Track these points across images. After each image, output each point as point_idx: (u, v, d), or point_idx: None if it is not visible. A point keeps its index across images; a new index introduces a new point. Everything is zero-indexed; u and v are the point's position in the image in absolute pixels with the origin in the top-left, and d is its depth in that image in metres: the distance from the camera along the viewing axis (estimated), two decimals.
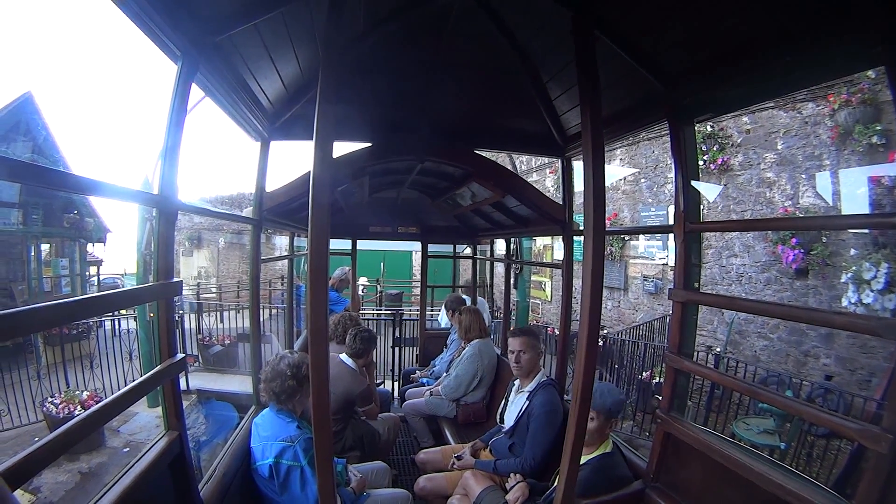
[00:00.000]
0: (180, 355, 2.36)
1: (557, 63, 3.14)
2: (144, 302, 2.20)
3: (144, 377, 2.16)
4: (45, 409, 8.13)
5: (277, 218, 4.24)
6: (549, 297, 17.41)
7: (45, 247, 14.89)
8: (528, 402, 3.75)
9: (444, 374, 5.67)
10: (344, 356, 4.41)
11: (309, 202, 1.92)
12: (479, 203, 4.97)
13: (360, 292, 7.68)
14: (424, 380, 6.31)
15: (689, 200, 2.75)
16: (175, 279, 2.32)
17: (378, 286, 18.89)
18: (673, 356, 2.85)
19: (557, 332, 5.85)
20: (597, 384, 2.53)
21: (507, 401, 4.17)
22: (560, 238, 4.26)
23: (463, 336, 5.52)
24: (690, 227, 2.75)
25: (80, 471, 7.45)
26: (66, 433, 1.56)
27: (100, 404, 1.82)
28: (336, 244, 7.22)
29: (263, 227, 3.84)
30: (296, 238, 6.38)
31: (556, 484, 2.57)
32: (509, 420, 3.95)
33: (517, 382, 4.06)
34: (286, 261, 6.16)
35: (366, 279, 18.14)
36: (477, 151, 3.94)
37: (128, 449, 8.11)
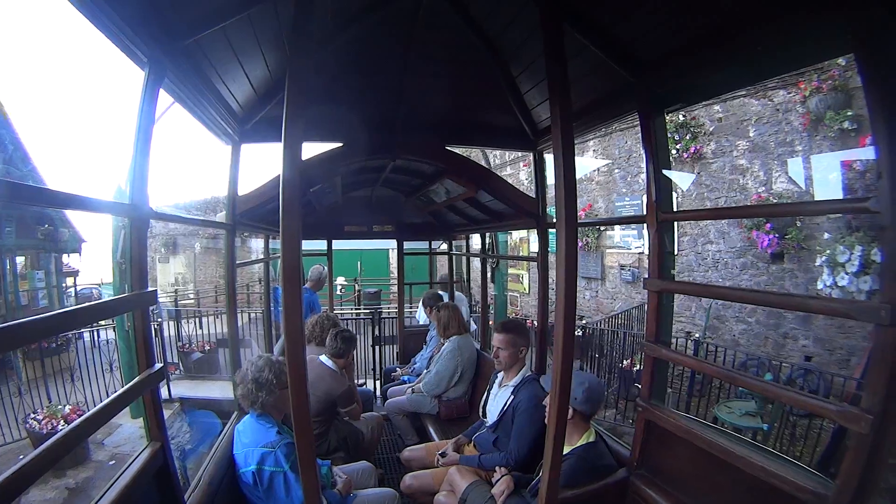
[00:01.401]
0: (159, 365, 2.33)
1: (528, 56, 3.15)
2: (120, 313, 2.16)
3: (124, 389, 2.13)
4: (28, 425, 8.00)
5: (251, 221, 4.22)
6: (528, 290, 17.48)
7: (19, 260, 14.67)
8: (512, 397, 3.76)
9: (425, 371, 5.68)
10: (324, 357, 4.39)
11: (279, 205, 1.91)
12: (452, 199, 4.99)
13: (337, 291, 7.65)
14: (406, 377, 6.31)
15: (661, 190, 2.77)
16: (150, 288, 2.29)
17: (356, 285, 18.81)
18: (651, 345, 2.87)
19: (536, 325, 5.93)
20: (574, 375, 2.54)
21: (489, 394, 4.19)
22: (535, 231, 4.28)
23: (441, 333, 5.53)
24: (663, 216, 2.76)
25: (67, 486, 7.33)
26: (49, 449, 1.54)
27: (81, 418, 1.80)
28: (311, 244, 7.22)
29: (238, 231, 3.83)
30: (271, 240, 6.32)
31: (540, 475, 2.58)
32: (492, 414, 3.96)
33: (500, 376, 4.07)
34: (263, 264, 6.13)
35: (343, 278, 18.06)
36: (449, 148, 3.96)
37: (113, 461, 7.98)
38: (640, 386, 3.07)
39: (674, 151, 10.92)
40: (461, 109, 4.19)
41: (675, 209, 2.89)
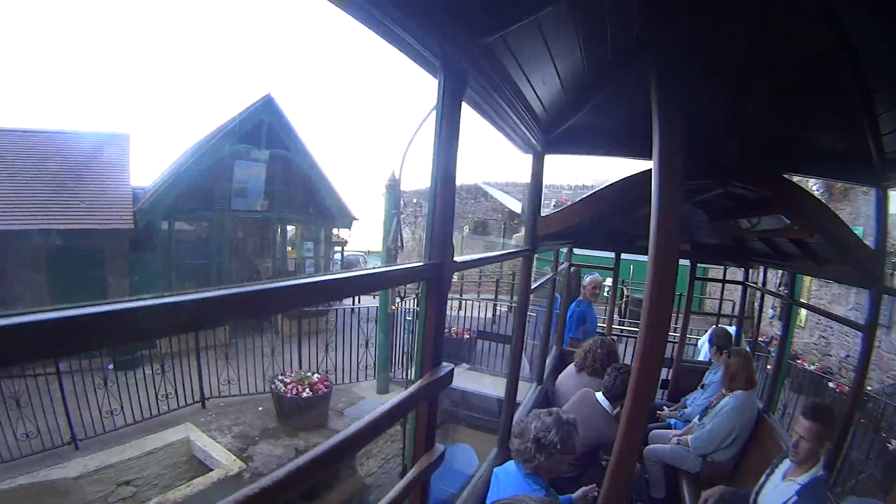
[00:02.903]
0: (447, 366, 1.96)
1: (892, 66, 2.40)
2: (408, 282, 1.74)
3: (402, 397, 1.81)
4: (273, 385, 8.52)
5: (548, 242, 3.89)
6: (803, 323, 15.46)
7: (290, 229, 16.28)
8: (796, 497, 3.04)
9: (696, 422, 4.92)
10: (600, 396, 3.94)
11: (653, 223, 1.68)
12: (775, 233, 4.23)
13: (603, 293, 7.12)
14: (673, 421, 5.52)
15: None
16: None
17: (624, 289, 17.69)
18: None
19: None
20: None
21: (767, 479, 3.44)
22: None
23: (727, 383, 4.76)
24: None
25: (297, 447, 7.77)
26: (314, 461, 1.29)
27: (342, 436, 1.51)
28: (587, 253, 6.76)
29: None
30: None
31: None
32: None
33: (786, 465, 3.34)
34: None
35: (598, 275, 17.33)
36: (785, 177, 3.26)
37: None
38: None
39: None
40: (799, 130, 3.42)
41: None
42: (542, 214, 3.34)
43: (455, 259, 1.93)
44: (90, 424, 7.71)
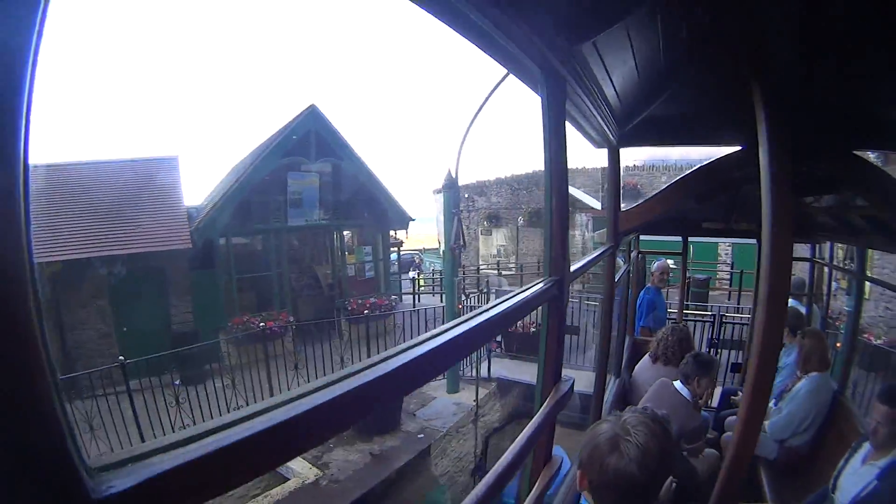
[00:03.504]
0: (568, 379, 1.93)
1: None
2: (537, 306, 1.60)
3: (536, 423, 1.71)
4: None
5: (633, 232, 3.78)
6: (868, 295, 14.79)
7: (346, 234, 16.42)
8: (876, 482, 2.95)
9: (772, 405, 4.74)
10: (679, 384, 3.82)
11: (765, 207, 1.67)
12: (841, 211, 4.03)
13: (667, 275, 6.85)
14: None
15: None
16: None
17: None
18: None
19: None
20: None
21: (846, 464, 3.34)
22: None
23: (801, 365, 4.58)
24: None
25: (372, 452, 7.78)
26: None
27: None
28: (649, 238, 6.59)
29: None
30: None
31: None
32: (846, 493, 3.18)
33: (866, 448, 3.20)
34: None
35: (671, 261, 17.01)
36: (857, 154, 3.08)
37: (422, 435, 8.29)
38: None
39: None
40: (870, 103, 3.22)
41: None
42: (623, 209, 3.24)
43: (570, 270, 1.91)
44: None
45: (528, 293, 1.61)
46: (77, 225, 12.18)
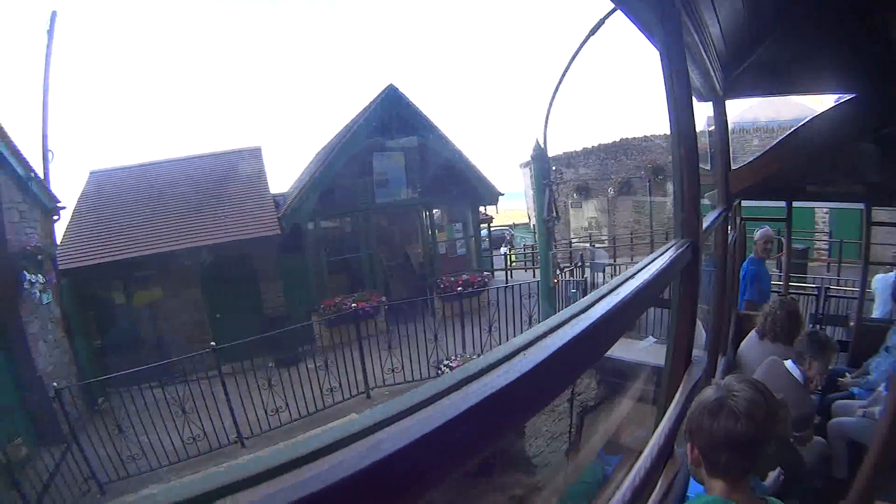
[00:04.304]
0: (699, 357, 1.82)
1: None
2: (671, 278, 1.39)
3: (671, 419, 1.59)
4: (440, 371, 8.56)
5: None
6: None
7: (436, 212, 16.26)
8: None
9: (882, 390, 4.18)
10: (790, 363, 3.46)
11: None
12: None
13: (771, 244, 6.25)
14: (856, 390, 4.73)
15: None
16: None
17: (781, 239, 16.20)
18: None
19: None
20: None
21: None
22: None
23: None
24: None
25: None
26: None
27: None
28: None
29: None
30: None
31: None
32: None
33: None
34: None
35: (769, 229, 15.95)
36: None
37: None
38: None
39: None
40: None
41: None
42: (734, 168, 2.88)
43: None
44: (255, 422, 8.07)
45: (659, 262, 1.38)
46: (168, 219, 12.91)
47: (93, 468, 7.04)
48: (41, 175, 9.67)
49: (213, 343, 8.04)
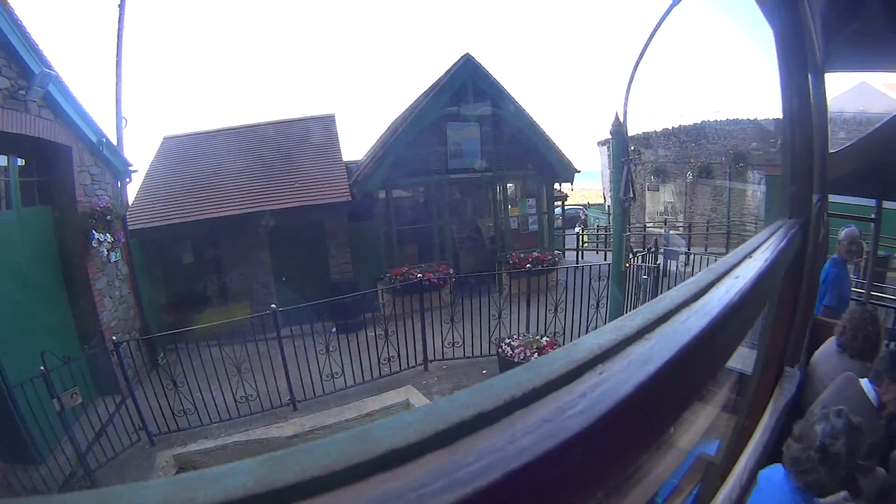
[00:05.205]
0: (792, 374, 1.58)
1: None
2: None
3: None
4: (500, 349, 8.43)
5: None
6: None
7: (510, 186, 15.95)
8: None
9: None
10: (867, 383, 3.06)
11: None
12: None
13: (856, 246, 5.62)
14: None
15: None
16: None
17: (863, 245, 15.00)
18: None
19: None
20: None
21: None
22: None
23: None
24: None
25: None
26: None
27: None
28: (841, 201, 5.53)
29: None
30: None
31: None
32: None
33: None
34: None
35: (855, 228, 14.84)
36: None
37: None
38: None
39: None
40: None
41: None
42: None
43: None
44: (309, 386, 8.11)
45: (771, 243, 1.03)
46: (239, 183, 13.14)
47: (144, 419, 7.24)
48: (114, 141, 9.91)
49: (273, 306, 8.01)
